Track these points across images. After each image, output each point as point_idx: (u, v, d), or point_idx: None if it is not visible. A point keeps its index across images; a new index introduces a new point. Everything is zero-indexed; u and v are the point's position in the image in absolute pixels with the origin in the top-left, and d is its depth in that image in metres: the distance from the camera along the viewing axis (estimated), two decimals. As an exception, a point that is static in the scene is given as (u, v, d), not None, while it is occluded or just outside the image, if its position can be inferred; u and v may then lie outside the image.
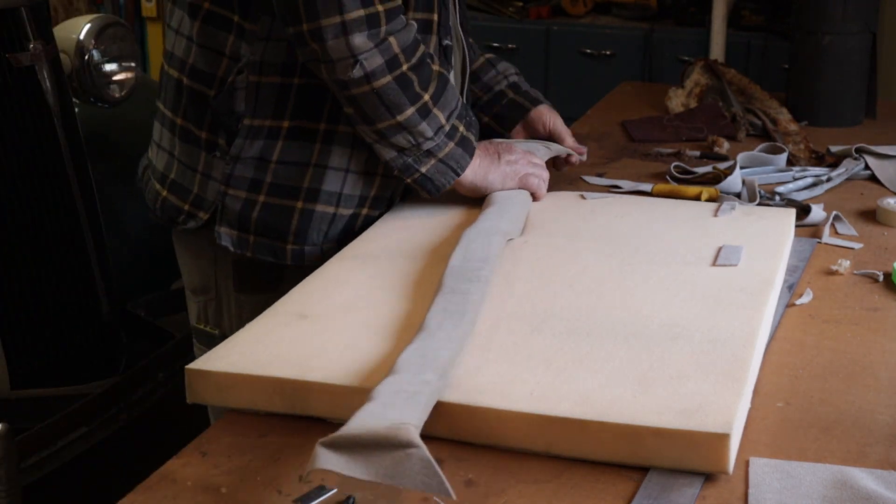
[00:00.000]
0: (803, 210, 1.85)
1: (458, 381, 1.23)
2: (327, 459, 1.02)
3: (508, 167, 1.75)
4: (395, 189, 1.72)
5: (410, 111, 1.59)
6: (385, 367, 1.25)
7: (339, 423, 1.22)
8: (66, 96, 2.47)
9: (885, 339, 1.44)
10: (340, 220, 1.67)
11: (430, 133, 1.62)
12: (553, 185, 1.98)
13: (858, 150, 2.12)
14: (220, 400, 1.27)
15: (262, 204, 1.64)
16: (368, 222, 1.69)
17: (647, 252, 1.58)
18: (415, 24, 1.61)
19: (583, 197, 1.83)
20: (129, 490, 1.14)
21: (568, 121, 2.58)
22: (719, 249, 1.58)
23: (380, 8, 1.53)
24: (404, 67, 1.58)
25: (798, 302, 1.54)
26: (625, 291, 1.46)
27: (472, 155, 1.69)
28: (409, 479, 1.00)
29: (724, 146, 2.22)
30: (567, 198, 1.84)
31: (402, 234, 1.65)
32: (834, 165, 2.11)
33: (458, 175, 1.67)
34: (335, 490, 1.12)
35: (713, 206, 1.78)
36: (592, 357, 1.28)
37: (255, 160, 1.64)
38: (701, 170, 2.04)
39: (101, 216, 2.50)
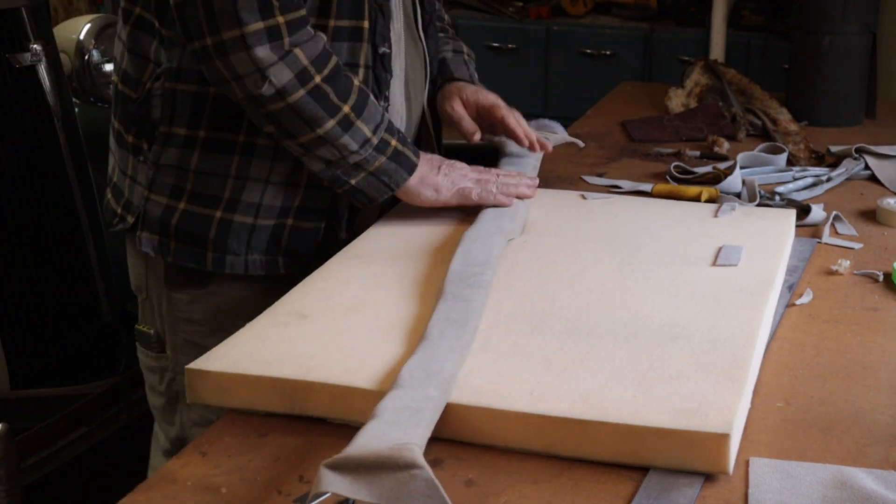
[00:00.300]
0: (803, 210, 1.85)
1: (459, 381, 1.23)
2: (331, 482, 1.02)
3: (445, 179, 1.69)
4: (336, 201, 1.67)
5: (330, 124, 1.55)
6: (384, 367, 1.25)
7: (340, 423, 1.23)
8: (66, 96, 2.47)
9: (885, 339, 1.44)
10: (263, 231, 1.64)
11: (354, 146, 1.57)
12: (553, 185, 1.98)
13: (858, 150, 2.12)
14: (220, 400, 1.27)
15: (181, 211, 1.64)
16: (300, 233, 1.66)
17: (647, 252, 1.58)
18: (323, 36, 1.56)
19: (583, 197, 1.83)
20: (129, 490, 1.14)
21: (568, 121, 2.58)
22: (719, 249, 1.58)
23: (280, 20, 1.50)
24: (317, 79, 1.54)
25: (798, 302, 1.54)
26: (625, 291, 1.46)
27: (410, 171, 1.64)
28: (412, 500, 1.00)
29: (724, 146, 2.22)
30: (567, 198, 1.84)
31: (402, 233, 1.65)
32: (834, 165, 2.11)
33: (394, 190, 1.63)
34: (335, 490, 1.12)
35: (713, 206, 1.78)
36: (592, 357, 1.28)
37: (175, 168, 1.63)
38: (701, 170, 2.04)
39: (101, 216, 2.51)
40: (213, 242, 1.64)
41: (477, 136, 1.88)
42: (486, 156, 3.70)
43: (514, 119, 1.87)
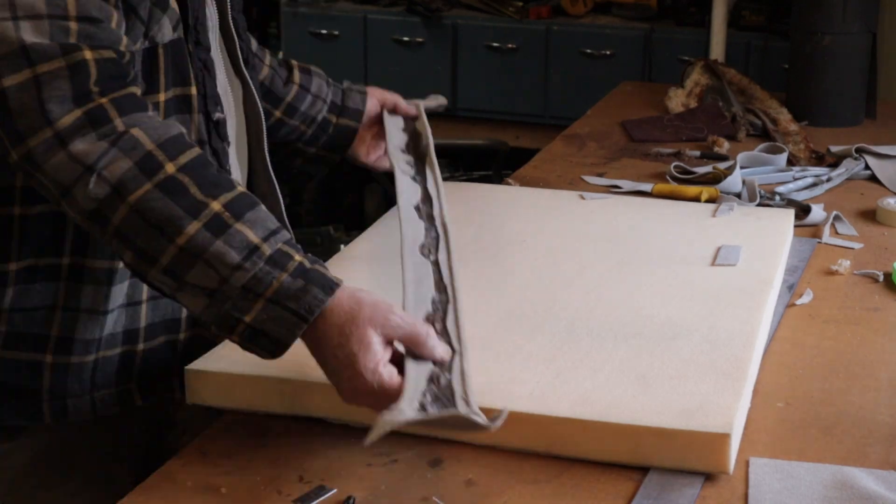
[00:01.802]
0: (803, 210, 1.85)
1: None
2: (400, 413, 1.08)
3: (340, 353, 1.15)
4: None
5: (193, 227, 1.14)
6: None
7: (340, 423, 1.23)
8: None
9: (885, 339, 1.44)
10: (109, 364, 1.32)
11: (235, 257, 1.14)
12: (553, 185, 1.98)
13: (858, 150, 2.12)
14: (220, 400, 1.27)
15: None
16: (157, 354, 1.35)
17: (647, 252, 1.58)
18: (176, 124, 1.21)
19: (582, 197, 1.83)
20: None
21: (568, 121, 2.58)
22: (718, 249, 1.58)
23: (102, 100, 1.16)
24: (169, 168, 1.16)
25: (798, 302, 1.54)
26: (624, 291, 1.46)
27: (328, 291, 1.15)
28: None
29: (724, 146, 2.22)
30: (567, 198, 1.84)
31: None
32: (834, 165, 2.11)
33: (308, 320, 1.14)
34: (335, 490, 1.12)
35: (712, 206, 1.78)
36: (592, 357, 1.28)
37: None
38: (701, 170, 2.04)
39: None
40: (48, 392, 1.30)
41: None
42: (488, 156, 3.69)
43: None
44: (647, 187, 1.97)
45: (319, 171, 1.80)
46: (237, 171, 1.45)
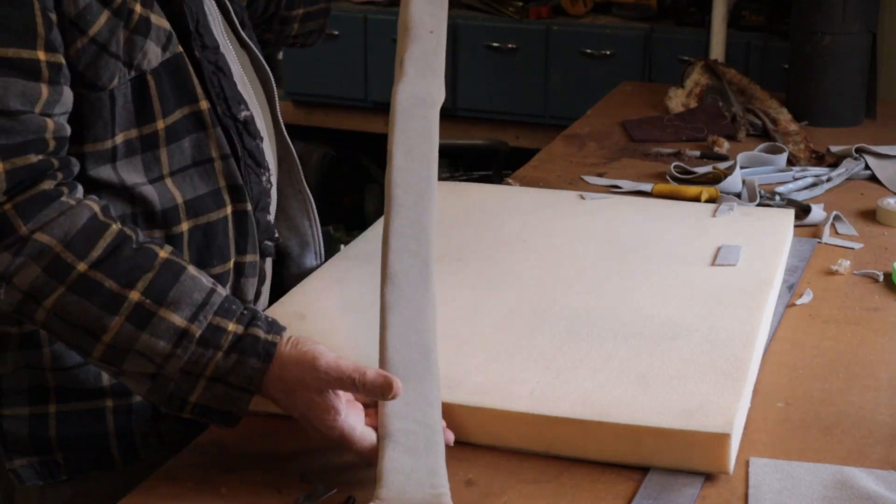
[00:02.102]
0: (803, 210, 1.85)
1: (459, 381, 1.23)
2: None
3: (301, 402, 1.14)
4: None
5: (116, 323, 1.12)
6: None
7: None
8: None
9: (885, 339, 1.44)
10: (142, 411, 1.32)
11: (165, 346, 1.12)
12: (553, 185, 1.98)
13: (858, 150, 2.12)
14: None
15: (55, 415, 1.30)
16: (127, 412, 1.32)
17: (647, 252, 1.58)
18: (88, 206, 1.15)
19: (582, 197, 1.83)
20: (129, 490, 1.14)
21: (568, 121, 2.58)
22: (718, 249, 1.58)
23: (6, 207, 1.11)
24: (80, 268, 1.12)
25: (798, 302, 1.54)
26: (625, 291, 1.46)
27: (265, 358, 1.13)
28: None
29: (724, 146, 2.22)
30: (567, 198, 1.84)
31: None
32: (834, 165, 2.11)
33: (251, 391, 1.13)
34: (335, 490, 1.12)
35: (712, 206, 1.78)
36: (592, 357, 1.28)
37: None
38: (701, 170, 2.04)
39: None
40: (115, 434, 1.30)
41: None
42: (488, 156, 3.69)
43: None
44: (647, 187, 1.97)
45: (319, 24, 1.70)
46: (272, 161, 1.43)
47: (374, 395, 1.12)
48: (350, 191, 4.08)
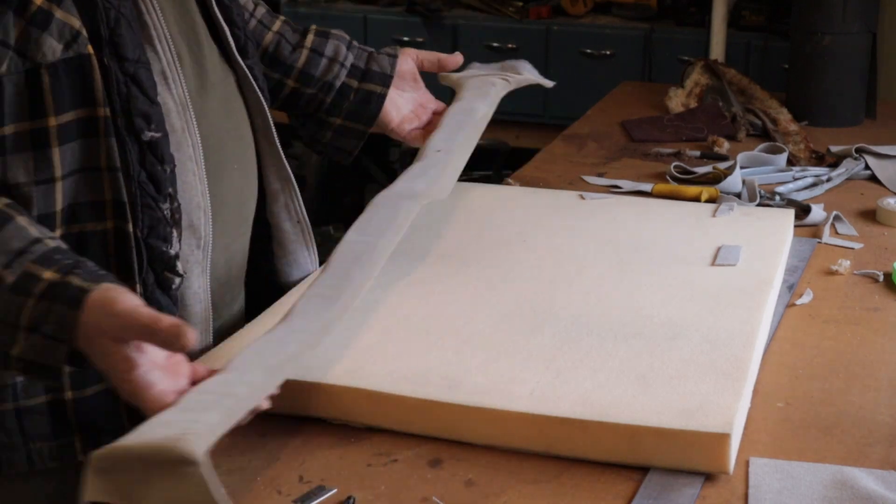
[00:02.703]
0: (803, 210, 1.85)
1: (459, 381, 1.23)
2: (99, 486, 0.89)
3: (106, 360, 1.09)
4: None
5: None
6: (385, 367, 1.25)
7: (340, 423, 1.23)
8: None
9: (885, 339, 1.44)
10: (34, 413, 1.26)
11: None
12: (553, 185, 1.98)
13: (858, 150, 2.12)
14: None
15: None
16: (92, 403, 1.28)
17: (647, 252, 1.58)
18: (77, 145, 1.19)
19: (582, 197, 1.83)
20: (129, 490, 1.14)
21: (568, 121, 2.58)
22: (718, 249, 1.58)
23: None
24: None
25: (798, 302, 1.54)
26: (624, 291, 1.46)
27: (75, 305, 1.07)
28: None
29: (724, 146, 2.22)
30: (567, 198, 1.84)
31: (402, 234, 1.65)
32: (834, 165, 2.11)
33: (65, 341, 1.08)
34: (335, 490, 1.12)
35: (712, 206, 1.78)
36: (592, 357, 1.28)
37: None
38: (701, 170, 2.04)
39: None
40: None
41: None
42: (488, 156, 3.68)
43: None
44: (647, 187, 1.97)
45: (352, 144, 1.65)
46: (198, 190, 1.32)
47: (168, 344, 1.04)
48: (350, 191, 4.08)
